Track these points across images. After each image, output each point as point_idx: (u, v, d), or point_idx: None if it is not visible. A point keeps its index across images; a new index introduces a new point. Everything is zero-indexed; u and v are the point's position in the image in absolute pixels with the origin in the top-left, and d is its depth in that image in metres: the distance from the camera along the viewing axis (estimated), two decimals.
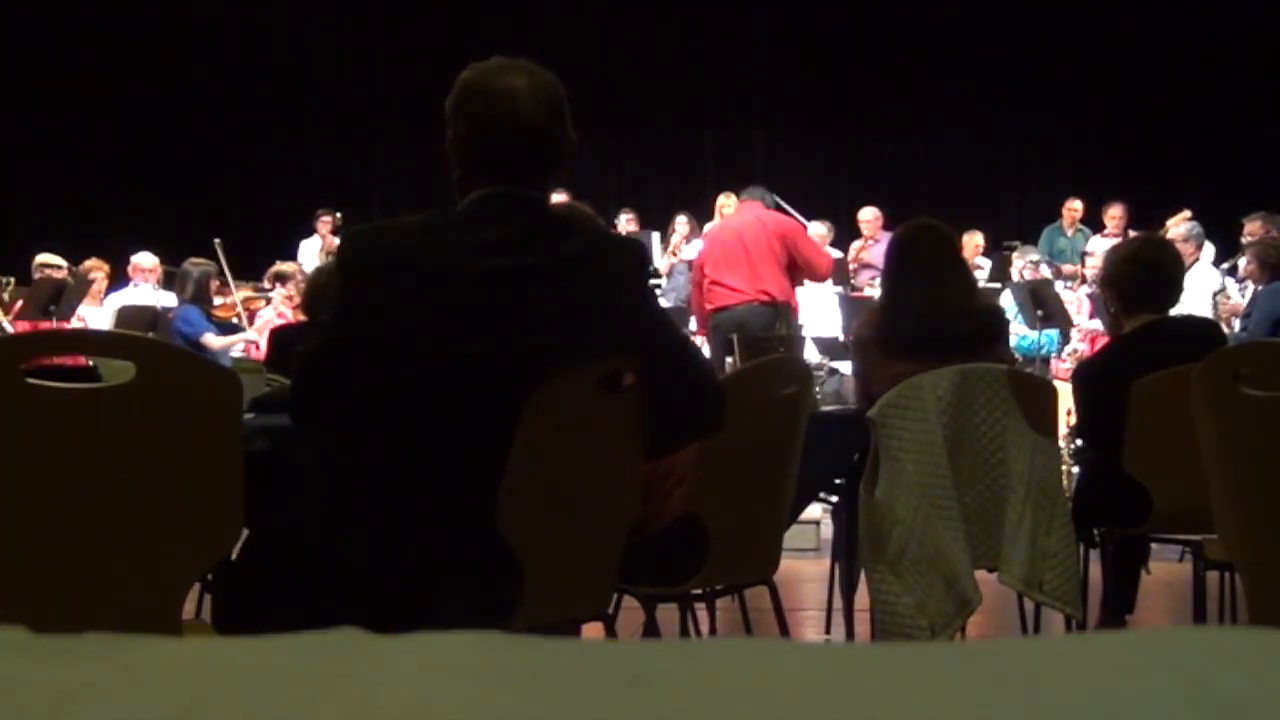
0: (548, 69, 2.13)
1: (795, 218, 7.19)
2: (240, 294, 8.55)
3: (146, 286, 8.93)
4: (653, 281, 8.49)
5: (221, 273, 8.36)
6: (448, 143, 2.12)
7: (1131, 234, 8.27)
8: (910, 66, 12.20)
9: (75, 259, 8.73)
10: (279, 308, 8.24)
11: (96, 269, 8.70)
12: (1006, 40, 12.00)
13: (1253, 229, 7.84)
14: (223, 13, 11.80)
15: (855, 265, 9.96)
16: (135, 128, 11.67)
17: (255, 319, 8.37)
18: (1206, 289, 7.97)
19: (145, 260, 8.99)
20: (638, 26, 12.38)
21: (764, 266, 6.59)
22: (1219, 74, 11.44)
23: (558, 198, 10.10)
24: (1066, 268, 9.73)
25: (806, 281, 7.19)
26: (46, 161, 11.61)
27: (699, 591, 2.81)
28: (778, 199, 7.13)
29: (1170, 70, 11.61)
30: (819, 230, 10.28)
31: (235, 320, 8.28)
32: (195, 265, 8.00)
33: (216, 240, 8.65)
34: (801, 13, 12.38)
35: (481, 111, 2.08)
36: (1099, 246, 8.65)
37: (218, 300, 8.19)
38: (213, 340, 7.76)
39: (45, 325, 7.45)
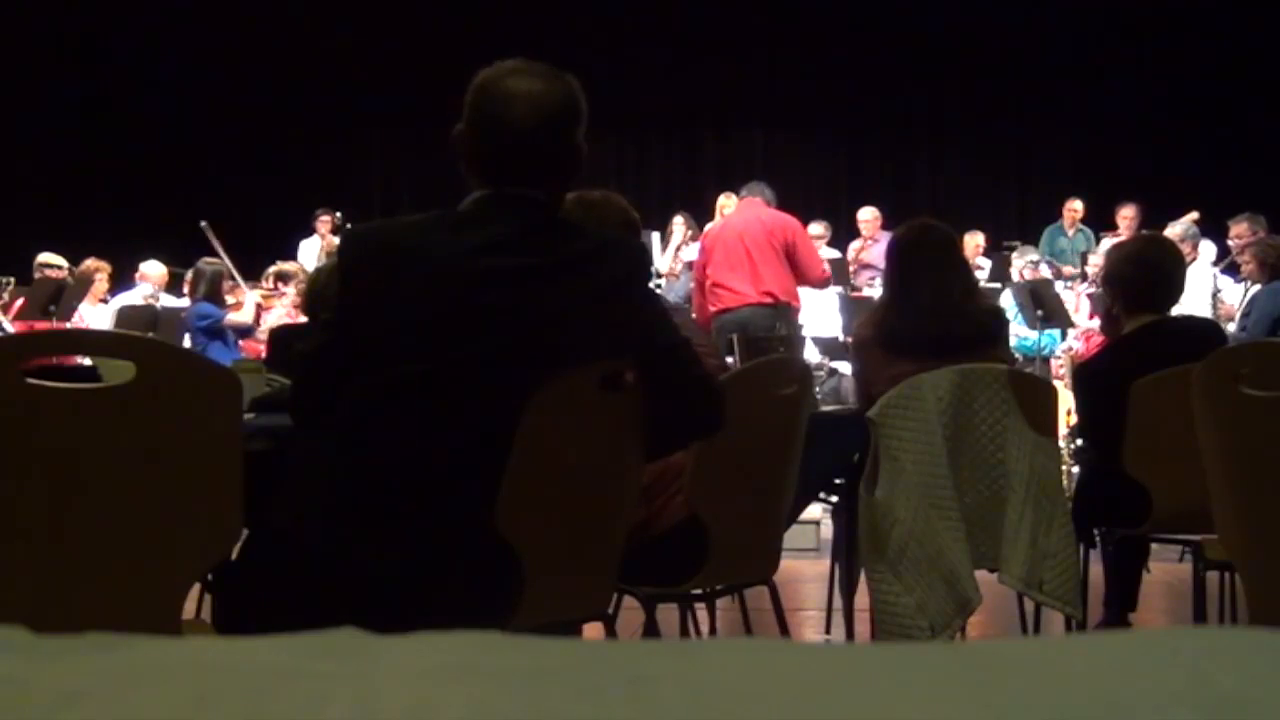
0: (567, 75, 2.12)
1: None
2: (254, 293, 8.54)
3: (146, 287, 8.91)
4: (653, 282, 8.48)
5: (226, 267, 8.33)
6: (453, 138, 2.12)
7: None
8: (910, 66, 12.20)
9: (75, 259, 8.72)
10: (287, 309, 8.22)
11: (98, 269, 8.67)
12: (1007, 40, 12.00)
13: (1239, 230, 7.85)
14: (223, 12, 11.80)
15: (855, 265, 9.96)
16: (135, 127, 11.67)
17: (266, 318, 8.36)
18: (1204, 289, 7.97)
19: (152, 269, 8.89)
20: (638, 26, 12.38)
21: (767, 267, 6.59)
22: (1219, 74, 11.44)
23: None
24: (1066, 268, 9.72)
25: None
26: (46, 161, 11.61)
27: (699, 591, 2.81)
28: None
29: (1170, 71, 11.61)
30: (815, 229, 10.28)
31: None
32: (209, 264, 7.98)
33: (203, 223, 8.60)
34: (802, 13, 12.38)
35: (480, 114, 2.09)
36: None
37: (230, 300, 8.17)
38: (235, 317, 7.80)
39: (45, 325, 7.45)
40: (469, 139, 2.11)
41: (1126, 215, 9.59)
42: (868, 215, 10.27)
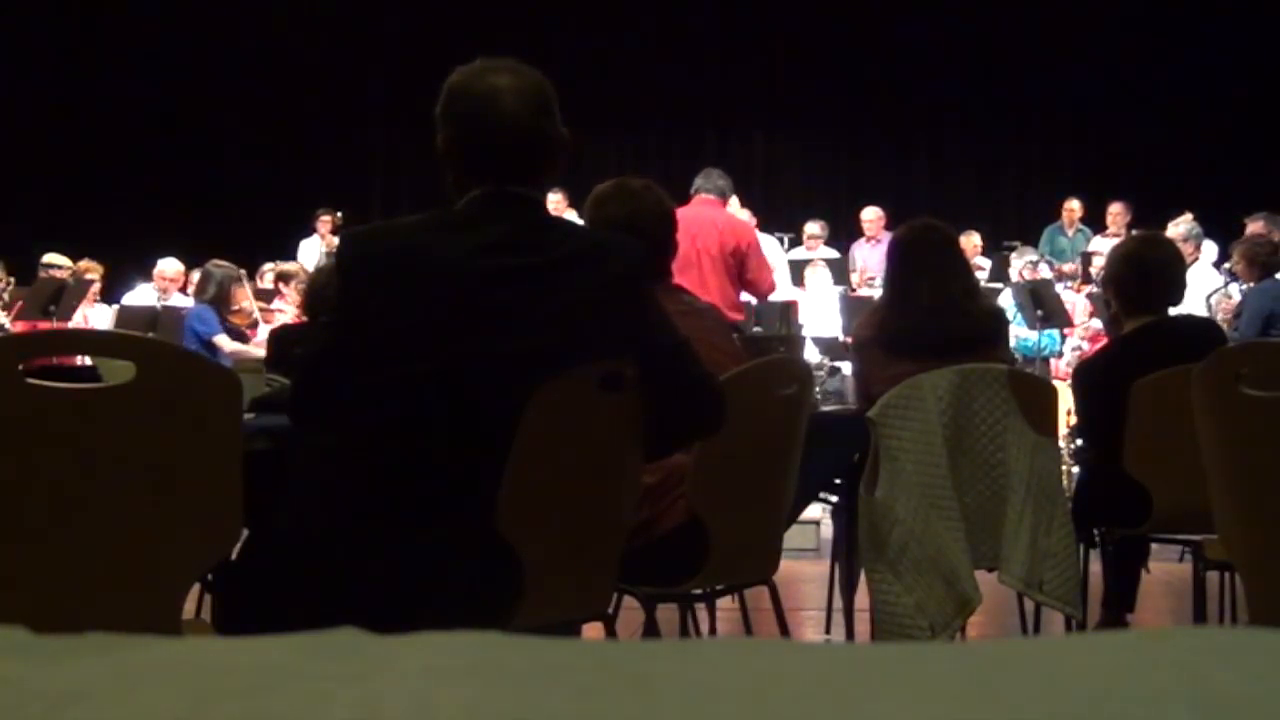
0: (533, 67, 2.14)
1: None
2: (259, 303, 8.45)
3: (148, 288, 8.87)
4: None
5: (239, 273, 8.23)
6: (438, 147, 2.12)
7: (1133, 233, 8.26)
8: (910, 66, 12.20)
9: (76, 259, 8.72)
10: (291, 312, 8.15)
11: (89, 270, 8.62)
12: (1006, 40, 12.00)
13: (1255, 229, 7.81)
14: (223, 12, 11.80)
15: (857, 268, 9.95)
16: (135, 127, 11.67)
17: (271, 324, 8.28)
18: (1205, 289, 7.95)
19: (169, 268, 8.67)
20: (638, 27, 12.38)
21: (714, 277, 6.19)
22: (1219, 74, 11.44)
23: (553, 197, 9.85)
24: (1066, 267, 9.74)
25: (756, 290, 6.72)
26: (46, 161, 11.61)
27: (699, 591, 2.81)
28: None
29: (1170, 70, 11.61)
30: (813, 229, 10.27)
31: (248, 330, 8.19)
32: (218, 267, 7.86)
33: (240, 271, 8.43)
34: (802, 13, 12.38)
35: (466, 114, 2.09)
36: (1102, 246, 8.66)
37: (234, 306, 8.09)
38: (225, 343, 7.67)
39: (45, 325, 7.44)
40: (457, 142, 2.11)
41: (1115, 212, 9.68)
42: (871, 215, 10.27)
